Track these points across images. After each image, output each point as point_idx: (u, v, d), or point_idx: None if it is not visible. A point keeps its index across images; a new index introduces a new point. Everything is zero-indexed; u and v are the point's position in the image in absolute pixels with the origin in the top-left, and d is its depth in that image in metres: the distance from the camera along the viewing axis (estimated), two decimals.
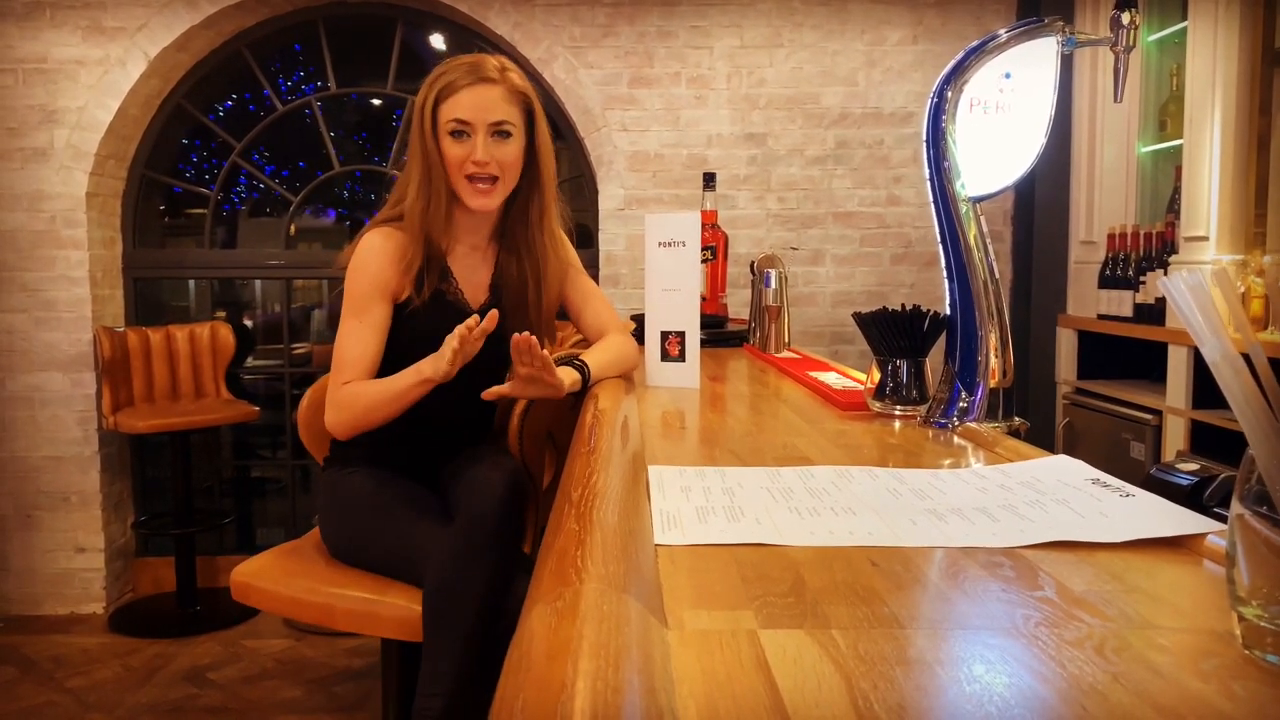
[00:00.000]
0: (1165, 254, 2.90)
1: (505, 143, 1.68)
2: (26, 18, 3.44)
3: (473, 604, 1.47)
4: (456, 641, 1.45)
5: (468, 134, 1.66)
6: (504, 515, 1.54)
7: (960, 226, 1.28)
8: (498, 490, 1.55)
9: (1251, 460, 0.51)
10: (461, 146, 1.66)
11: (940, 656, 0.52)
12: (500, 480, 1.57)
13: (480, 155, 1.65)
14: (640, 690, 0.43)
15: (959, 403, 1.26)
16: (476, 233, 1.79)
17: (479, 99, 1.66)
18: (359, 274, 1.69)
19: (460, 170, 1.67)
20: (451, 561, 1.49)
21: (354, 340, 1.67)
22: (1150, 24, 3.11)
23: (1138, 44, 1.85)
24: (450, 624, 1.47)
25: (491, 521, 1.52)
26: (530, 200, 1.77)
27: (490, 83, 1.67)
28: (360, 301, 1.68)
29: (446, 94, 1.67)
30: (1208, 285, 0.54)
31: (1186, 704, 0.46)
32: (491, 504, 1.53)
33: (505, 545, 1.54)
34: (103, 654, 3.19)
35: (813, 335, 3.61)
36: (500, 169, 1.68)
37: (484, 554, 1.50)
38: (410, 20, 3.72)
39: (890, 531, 0.74)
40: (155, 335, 3.55)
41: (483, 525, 1.51)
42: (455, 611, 1.47)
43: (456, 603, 1.47)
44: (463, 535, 1.52)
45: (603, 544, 0.65)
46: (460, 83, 1.66)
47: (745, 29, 3.57)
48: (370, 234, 1.72)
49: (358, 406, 1.65)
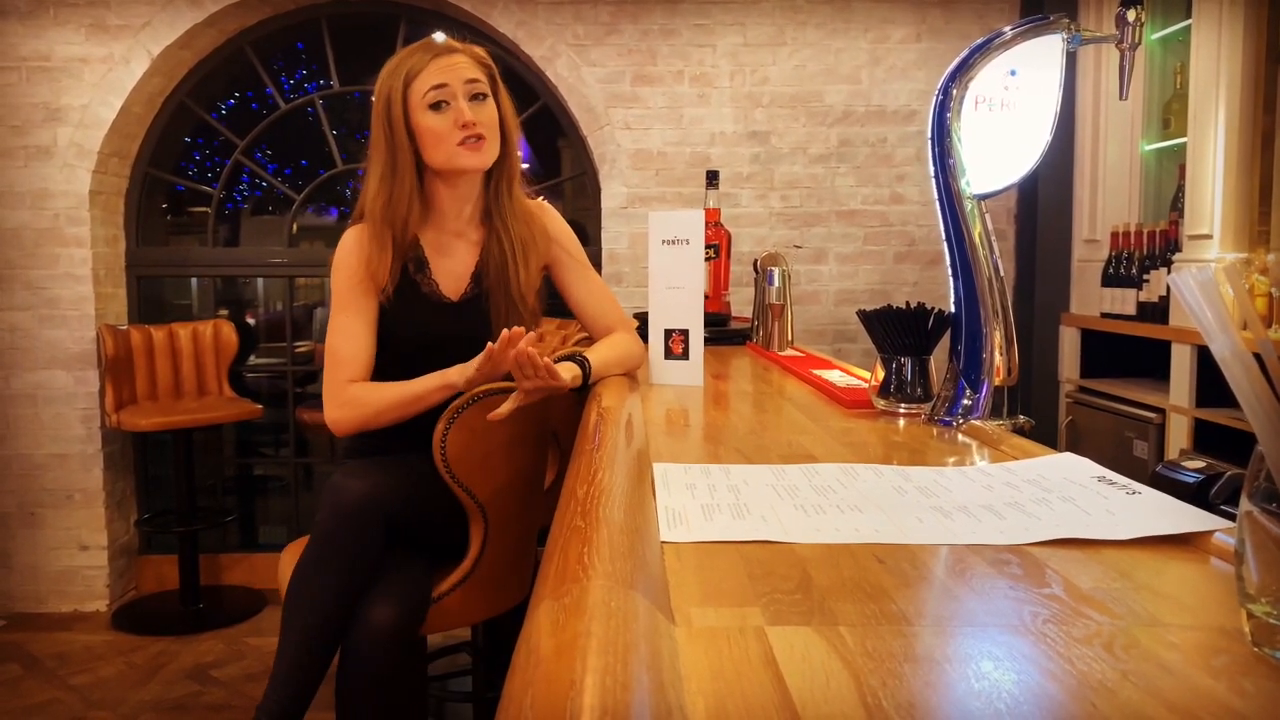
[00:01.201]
0: (1169, 252, 2.89)
1: (482, 104, 1.68)
2: (30, 16, 3.44)
3: (313, 614, 1.49)
4: (291, 645, 1.49)
5: (447, 101, 1.66)
6: (356, 521, 1.51)
7: (965, 224, 1.28)
8: (353, 494, 1.52)
9: (1260, 457, 0.51)
10: (443, 116, 1.66)
11: (948, 653, 0.52)
12: (359, 487, 1.53)
13: (468, 115, 1.65)
14: (649, 687, 0.43)
15: (963, 400, 1.26)
16: (457, 217, 1.77)
17: (447, 64, 1.67)
18: (341, 271, 1.71)
19: (446, 139, 1.66)
20: (304, 559, 1.52)
21: (346, 336, 1.68)
22: (1154, 21, 3.11)
23: (1142, 41, 1.85)
24: (292, 623, 1.50)
25: (339, 538, 1.51)
26: (502, 172, 1.77)
27: (454, 51, 1.69)
28: (346, 297, 1.70)
29: (415, 71, 1.67)
30: (1217, 282, 0.54)
31: (1196, 701, 0.46)
32: (346, 507, 1.52)
33: (358, 553, 1.51)
34: (106, 651, 3.20)
35: (815, 334, 3.61)
36: (485, 129, 1.68)
37: (333, 557, 1.50)
38: (413, 18, 3.71)
39: (896, 529, 0.74)
40: (158, 333, 3.55)
41: (330, 540, 1.51)
42: (298, 611, 1.50)
43: (301, 604, 1.50)
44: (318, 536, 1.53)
45: (609, 541, 0.65)
46: (426, 57, 1.67)
47: (748, 27, 3.56)
48: (347, 232, 1.75)
49: (368, 407, 1.65)
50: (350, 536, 1.50)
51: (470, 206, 1.78)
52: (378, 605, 1.50)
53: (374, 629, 1.49)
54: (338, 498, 1.52)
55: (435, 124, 1.66)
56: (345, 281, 1.70)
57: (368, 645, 1.48)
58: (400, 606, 1.52)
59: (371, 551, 1.52)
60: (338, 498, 1.52)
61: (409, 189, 1.69)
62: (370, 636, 1.48)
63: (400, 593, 1.53)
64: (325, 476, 3.89)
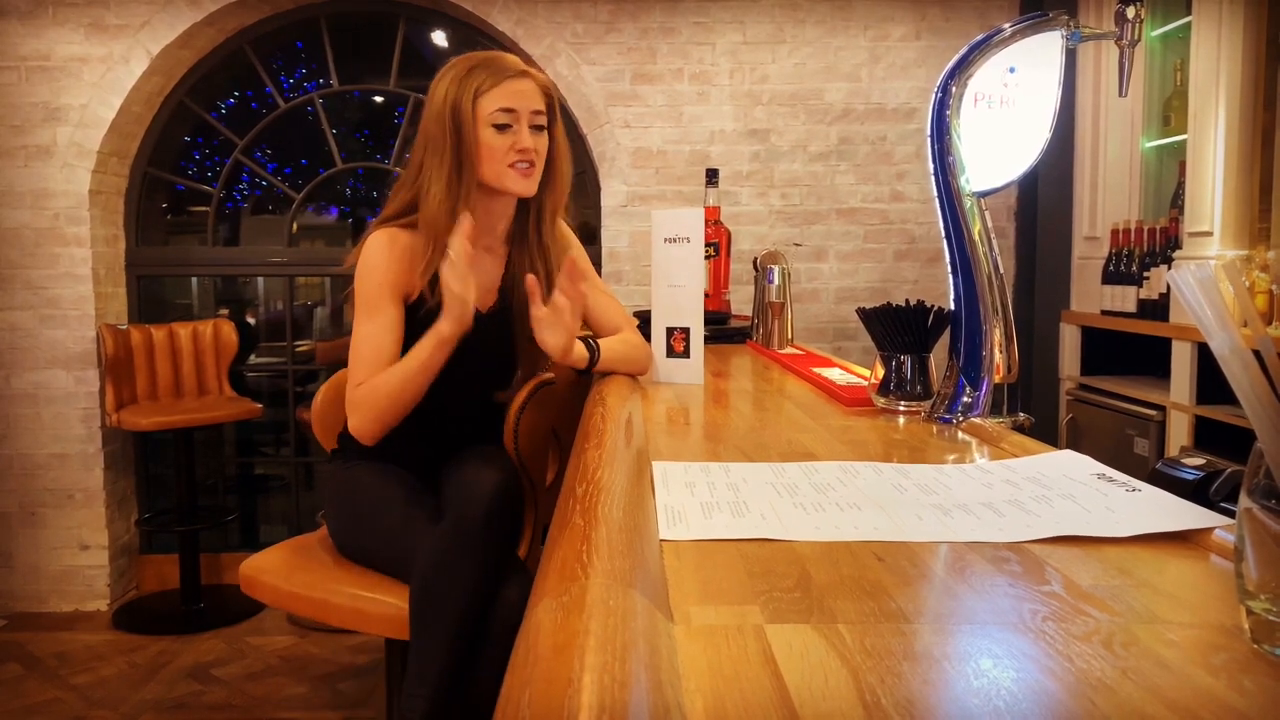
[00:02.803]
0: (1169, 249, 2.89)
1: (540, 135, 1.70)
2: (29, 15, 3.44)
3: (457, 605, 1.46)
4: (440, 642, 1.45)
5: (511, 125, 1.67)
6: (491, 516, 1.52)
7: (964, 221, 1.28)
8: (487, 491, 1.53)
9: (1260, 454, 0.51)
10: (503, 137, 1.66)
11: (947, 651, 0.52)
12: (491, 481, 1.55)
13: (526, 143, 1.66)
14: (647, 685, 0.43)
15: (963, 398, 1.26)
16: (490, 233, 1.78)
17: (519, 89, 1.67)
18: (367, 276, 1.67)
19: (501, 159, 1.67)
20: (436, 562, 1.48)
21: (368, 342, 1.66)
22: (1154, 18, 3.10)
23: (1142, 38, 1.84)
24: (434, 625, 1.46)
25: (478, 523, 1.50)
26: (545, 199, 1.77)
27: (527, 76, 1.70)
28: (371, 303, 1.67)
29: (487, 87, 1.66)
30: (1217, 279, 0.54)
31: (1195, 698, 0.46)
32: (480, 505, 1.52)
33: (493, 547, 1.52)
34: (107, 651, 3.20)
35: (815, 332, 3.60)
36: (538, 157, 1.70)
37: (470, 555, 1.48)
38: (413, 17, 3.71)
39: (896, 527, 0.74)
40: (158, 333, 3.55)
41: (470, 526, 1.50)
42: (438, 612, 1.46)
43: (440, 603, 1.46)
44: (449, 535, 1.50)
45: (608, 539, 0.65)
46: (500, 76, 1.67)
47: (748, 25, 3.56)
48: (376, 234, 1.71)
49: (379, 401, 1.63)
50: (490, 525, 1.51)
51: (504, 224, 1.79)
52: (510, 583, 1.52)
53: (510, 606, 1.48)
54: (471, 492, 1.54)
55: (495, 143, 1.66)
56: (370, 286, 1.67)
57: (503, 623, 1.48)
58: (526, 581, 1.52)
59: (506, 538, 1.57)
60: (471, 492, 1.54)
61: (470, 199, 1.68)
62: (506, 614, 1.48)
63: (523, 569, 1.58)
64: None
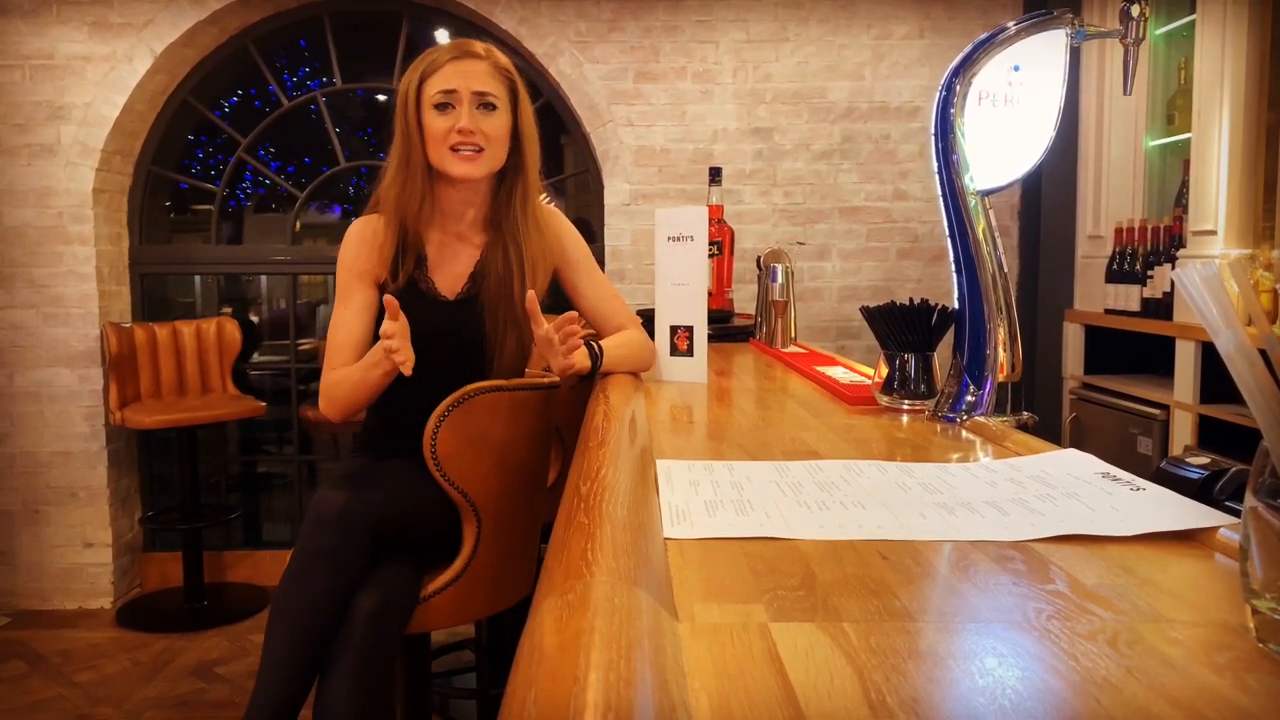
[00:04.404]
0: (1173, 248, 2.88)
1: (490, 115, 1.68)
2: (33, 14, 3.44)
3: (302, 617, 1.46)
4: (286, 653, 1.46)
5: (452, 105, 1.66)
6: (335, 542, 1.50)
7: (969, 220, 1.28)
8: (336, 506, 1.51)
9: (1265, 453, 0.51)
10: (446, 118, 1.66)
11: (952, 650, 0.51)
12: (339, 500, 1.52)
13: (465, 123, 1.65)
14: (652, 683, 0.43)
15: (967, 397, 1.25)
16: (460, 219, 1.78)
17: (463, 69, 1.67)
18: (341, 264, 1.75)
19: (444, 142, 1.66)
20: (288, 574, 1.50)
21: (336, 327, 1.73)
22: (1158, 17, 3.10)
23: (1146, 36, 1.84)
24: (280, 635, 1.47)
25: (322, 549, 1.49)
26: (515, 185, 1.76)
27: (475, 57, 1.69)
28: (343, 290, 1.74)
29: (431, 70, 1.68)
30: (1222, 277, 0.53)
31: (1200, 697, 0.46)
32: (331, 520, 1.50)
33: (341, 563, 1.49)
34: (110, 648, 3.20)
35: (818, 330, 3.60)
36: (485, 140, 1.67)
37: (319, 566, 1.48)
38: (416, 15, 3.71)
39: (900, 525, 0.74)
40: (162, 331, 3.56)
41: (314, 552, 1.50)
42: (285, 624, 1.47)
43: (287, 615, 1.47)
44: (300, 547, 1.51)
45: (612, 538, 0.65)
46: (444, 58, 1.68)
47: (751, 23, 3.56)
48: (353, 223, 1.78)
49: (338, 393, 1.69)
50: (332, 547, 1.49)
51: (474, 211, 1.78)
52: (360, 595, 1.50)
53: (352, 616, 1.48)
54: (319, 510, 1.52)
55: (435, 124, 1.67)
56: (342, 273, 1.75)
57: (345, 630, 1.48)
58: (382, 597, 1.51)
59: (356, 560, 1.51)
60: (319, 510, 1.52)
61: (420, 183, 1.70)
62: (348, 628, 1.48)
63: (384, 586, 1.53)
64: (329, 473, 3.90)
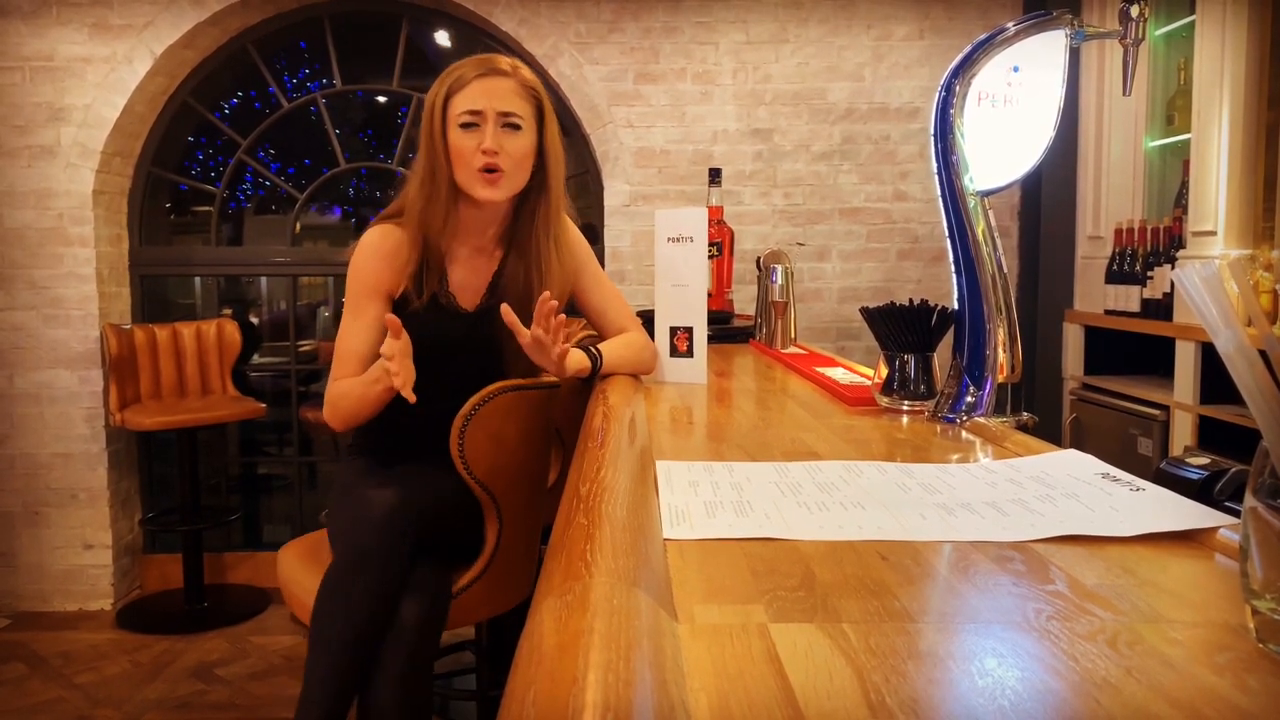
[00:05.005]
0: (1173, 249, 2.88)
1: (515, 135, 1.66)
2: (33, 15, 3.44)
3: (348, 628, 1.45)
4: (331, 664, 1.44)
5: (478, 124, 1.64)
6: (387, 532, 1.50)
7: (968, 221, 1.28)
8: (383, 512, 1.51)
9: (1265, 453, 0.51)
10: (471, 137, 1.64)
11: (952, 650, 0.51)
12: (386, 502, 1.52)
13: (489, 143, 1.62)
14: (652, 683, 0.43)
15: (967, 398, 1.25)
16: (481, 235, 1.76)
17: (489, 88, 1.65)
18: (355, 271, 1.71)
19: (469, 162, 1.64)
20: (331, 583, 1.49)
21: (345, 336, 1.70)
22: (1158, 17, 3.10)
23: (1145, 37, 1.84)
24: (325, 647, 1.46)
25: (372, 545, 1.49)
26: (539, 203, 1.73)
27: (502, 75, 1.66)
28: (356, 299, 1.70)
29: (458, 87, 1.65)
30: (1221, 277, 0.53)
31: (1200, 697, 0.46)
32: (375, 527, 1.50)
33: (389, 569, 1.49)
34: (111, 650, 3.20)
35: (818, 331, 3.60)
36: (509, 161, 1.65)
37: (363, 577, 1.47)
38: (416, 17, 3.71)
39: (899, 526, 0.74)
40: (162, 332, 3.56)
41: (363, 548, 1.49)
42: (330, 634, 1.45)
43: (331, 626, 1.46)
44: (343, 556, 1.51)
45: (612, 538, 0.65)
46: (471, 74, 1.65)
47: (751, 24, 3.56)
48: (370, 231, 1.73)
49: (341, 405, 1.67)
50: (382, 547, 1.49)
51: (495, 229, 1.77)
52: (405, 603, 1.50)
53: (402, 626, 1.48)
54: (366, 510, 1.51)
55: (461, 143, 1.65)
56: (356, 284, 1.71)
57: (394, 642, 1.47)
58: (426, 603, 1.52)
59: (402, 560, 1.51)
60: (366, 510, 1.51)
61: (444, 198, 1.67)
62: (398, 634, 1.48)
63: (425, 590, 1.53)
64: (329, 475, 3.90)
